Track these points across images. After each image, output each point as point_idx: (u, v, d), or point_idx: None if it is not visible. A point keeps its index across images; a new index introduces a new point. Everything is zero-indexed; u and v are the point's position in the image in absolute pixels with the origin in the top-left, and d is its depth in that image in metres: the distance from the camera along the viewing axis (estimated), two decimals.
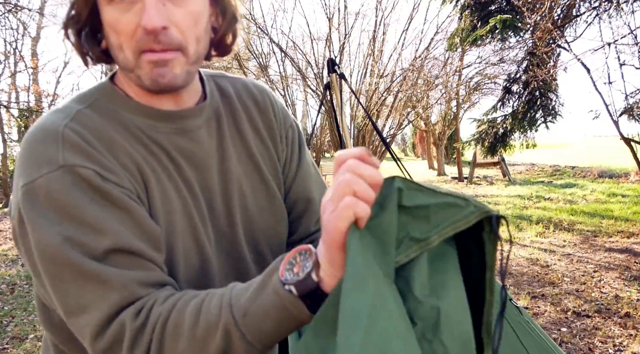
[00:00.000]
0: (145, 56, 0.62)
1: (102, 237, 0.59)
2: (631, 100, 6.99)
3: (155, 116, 0.69)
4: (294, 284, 0.53)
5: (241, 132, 0.79)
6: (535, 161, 18.00)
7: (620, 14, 6.21)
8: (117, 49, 0.64)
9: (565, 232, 6.19)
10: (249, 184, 0.78)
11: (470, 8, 7.14)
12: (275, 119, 0.84)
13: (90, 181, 0.61)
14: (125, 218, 0.62)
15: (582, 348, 3.01)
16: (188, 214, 0.70)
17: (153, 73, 0.63)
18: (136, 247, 0.61)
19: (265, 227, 0.80)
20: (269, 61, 12.81)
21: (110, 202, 0.61)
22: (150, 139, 0.69)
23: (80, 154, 0.62)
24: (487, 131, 8.18)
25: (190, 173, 0.71)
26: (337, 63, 2.42)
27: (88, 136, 0.64)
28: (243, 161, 0.78)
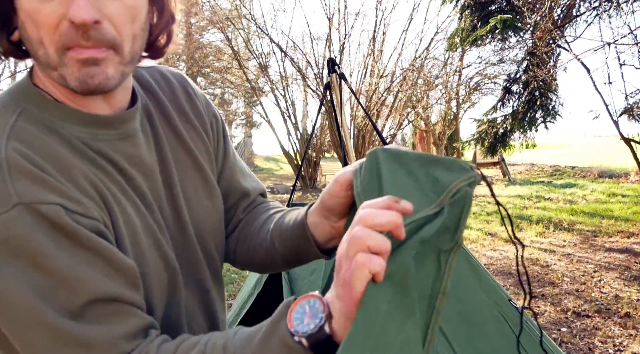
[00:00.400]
0: (71, 53, 0.54)
1: (77, 290, 0.52)
2: (631, 100, 6.99)
3: (94, 122, 0.61)
4: (306, 336, 0.50)
5: (174, 128, 0.73)
6: (535, 161, 17.99)
7: (620, 14, 6.22)
8: (36, 43, 0.54)
9: (565, 232, 6.19)
10: (191, 183, 0.73)
11: (470, 8, 7.14)
12: (200, 105, 0.78)
13: (54, 221, 0.51)
14: (97, 260, 0.54)
15: (582, 348, 3.01)
16: (149, 229, 0.64)
17: (81, 73, 0.54)
18: (114, 294, 0.54)
19: (211, 228, 0.76)
20: (269, 61, 12.83)
21: (78, 244, 0.53)
22: (95, 152, 0.60)
23: (35, 185, 0.52)
24: (487, 131, 8.18)
25: (140, 182, 0.65)
26: (337, 63, 2.41)
27: (36, 158, 0.53)
28: (182, 160, 0.72)
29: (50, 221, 0.51)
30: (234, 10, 12.37)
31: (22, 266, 0.50)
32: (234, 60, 13.31)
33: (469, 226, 6.93)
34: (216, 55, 15.03)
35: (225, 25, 12.09)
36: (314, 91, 12.28)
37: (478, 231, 6.52)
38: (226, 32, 12.29)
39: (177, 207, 0.70)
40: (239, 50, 13.08)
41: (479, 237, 6.15)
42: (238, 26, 12.40)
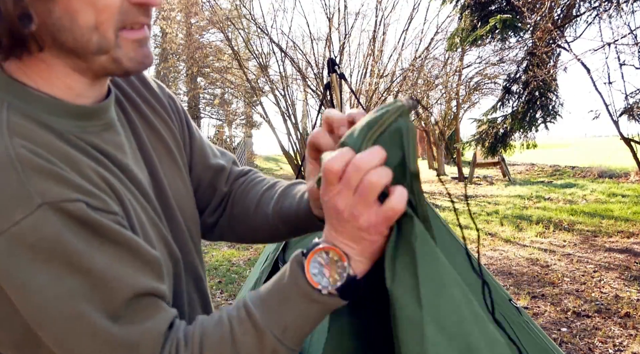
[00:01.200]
0: (126, 34, 0.55)
1: (115, 289, 0.51)
2: (631, 100, 6.99)
3: (80, 114, 0.58)
4: (337, 289, 0.53)
5: (144, 116, 0.71)
6: (535, 161, 17.99)
7: (620, 14, 6.21)
8: (88, 30, 0.53)
9: (565, 232, 6.19)
10: (169, 173, 0.72)
11: (470, 8, 7.14)
12: (156, 90, 0.77)
13: (82, 218, 0.50)
14: (128, 255, 0.53)
15: (582, 348, 3.01)
16: (152, 221, 0.63)
17: (137, 53, 0.56)
18: (149, 288, 0.54)
19: (192, 215, 0.75)
20: (269, 61, 12.82)
21: (108, 240, 0.52)
22: (88, 144, 0.58)
23: (54, 182, 0.49)
24: (488, 131, 8.19)
25: (134, 172, 0.63)
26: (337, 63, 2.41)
27: (46, 155, 0.51)
28: (157, 147, 0.71)
29: (78, 218, 0.49)
30: (234, 10, 12.37)
31: (56, 270, 0.48)
32: (234, 60, 13.30)
33: (468, 226, 6.93)
34: (216, 55, 15.02)
35: (225, 25, 12.09)
36: (314, 91, 12.28)
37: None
38: (226, 32, 12.29)
39: (164, 195, 0.69)
40: (239, 50, 13.08)
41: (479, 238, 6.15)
42: (238, 26, 12.39)
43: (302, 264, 0.54)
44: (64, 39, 0.53)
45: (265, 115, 13.61)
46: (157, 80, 0.80)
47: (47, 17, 0.52)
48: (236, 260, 5.73)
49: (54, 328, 0.49)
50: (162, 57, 17.98)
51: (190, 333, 0.55)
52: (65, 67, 0.57)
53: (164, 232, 0.65)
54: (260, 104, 13.66)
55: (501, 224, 6.89)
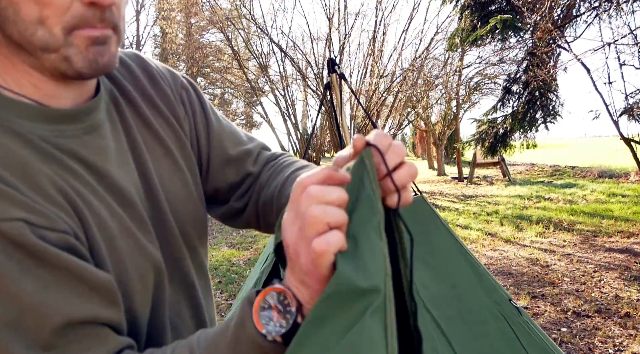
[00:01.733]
0: (81, 32, 0.52)
1: (45, 317, 0.47)
2: (631, 100, 6.99)
3: (57, 117, 0.56)
4: (281, 335, 0.47)
5: (142, 115, 0.68)
6: (535, 161, 17.99)
7: (620, 14, 6.21)
8: (32, 24, 0.50)
9: (565, 232, 6.19)
10: (165, 172, 0.69)
11: (470, 8, 7.14)
12: (164, 83, 0.73)
13: (17, 239, 0.46)
14: (67, 280, 0.49)
15: (582, 348, 3.01)
16: (128, 231, 0.59)
17: (90, 52, 0.53)
18: (88, 316, 0.50)
19: (191, 218, 0.72)
20: (269, 61, 12.83)
21: (45, 264, 0.48)
22: (60, 150, 0.55)
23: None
24: (488, 131, 8.19)
25: (115, 177, 0.60)
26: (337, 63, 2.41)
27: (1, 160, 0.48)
28: (154, 148, 0.68)
29: (12, 240, 0.46)
30: (234, 10, 12.37)
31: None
32: (234, 60, 13.31)
33: (468, 226, 6.93)
34: (216, 55, 15.03)
35: (225, 25, 12.09)
36: (314, 91, 12.29)
37: (478, 231, 6.52)
38: (226, 32, 12.29)
39: (155, 199, 0.66)
40: (239, 50, 13.08)
41: (479, 237, 6.15)
42: (238, 26, 12.40)
43: (251, 304, 0.48)
44: (10, 32, 0.52)
45: (265, 115, 13.61)
46: (173, 70, 0.77)
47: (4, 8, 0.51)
48: (236, 260, 5.73)
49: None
50: (162, 57, 17.97)
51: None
52: (23, 65, 0.55)
53: (143, 241, 0.61)
54: (260, 104, 13.67)
55: (501, 224, 6.89)
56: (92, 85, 0.62)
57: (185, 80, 0.77)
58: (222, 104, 19.24)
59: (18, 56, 0.54)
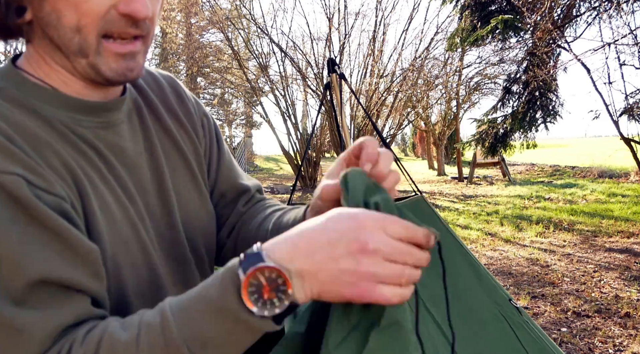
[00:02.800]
0: (110, 45, 0.57)
1: (22, 269, 0.48)
2: (631, 100, 6.99)
3: (79, 107, 0.61)
4: (273, 315, 0.47)
5: (165, 126, 0.72)
6: (535, 161, 17.99)
7: (620, 14, 6.21)
8: (70, 29, 0.56)
9: (565, 232, 6.19)
10: (180, 181, 0.72)
11: (470, 8, 7.14)
12: (190, 104, 0.78)
13: (13, 192, 0.49)
14: (53, 240, 0.50)
15: (582, 348, 3.01)
16: (130, 221, 0.62)
17: (120, 66, 0.58)
18: (65, 278, 0.50)
19: (201, 227, 0.74)
20: (269, 61, 12.83)
21: (36, 221, 0.49)
22: (76, 135, 0.59)
23: (0, 153, 0.50)
24: (488, 131, 8.19)
25: (123, 172, 0.63)
26: (337, 63, 2.41)
27: (7, 130, 0.53)
28: (172, 157, 0.72)
29: (9, 193, 0.48)
30: (234, 10, 12.37)
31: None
32: (234, 60, 13.31)
33: (468, 226, 6.92)
34: (216, 55, 15.03)
35: (225, 25, 12.09)
36: (314, 91, 12.29)
37: (478, 231, 6.52)
38: (226, 32, 12.29)
39: (167, 203, 0.69)
40: (239, 50, 13.08)
41: (479, 237, 6.15)
42: (238, 26, 12.40)
43: (238, 277, 0.46)
44: (51, 35, 0.57)
45: (265, 115, 13.61)
46: (197, 98, 0.82)
47: (39, 12, 0.56)
48: None
49: None
50: (162, 57, 17.97)
51: (93, 331, 0.50)
52: (56, 64, 0.60)
53: (143, 236, 0.63)
54: (260, 104, 13.67)
55: (501, 224, 6.89)
56: (119, 91, 0.67)
57: (207, 112, 0.83)
58: (222, 104, 19.23)
59: (53, 56, 0.59)
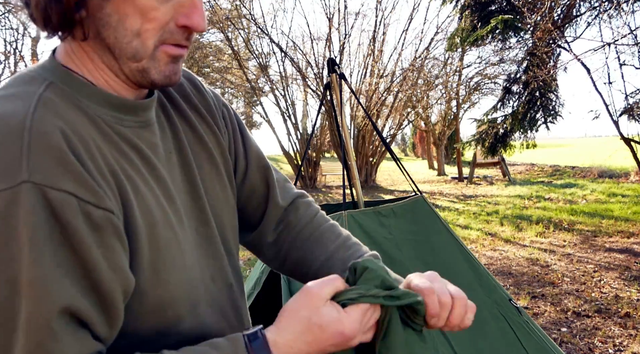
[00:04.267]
0: (165, 48, 0.58)
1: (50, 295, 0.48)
2: (631, 100, 6.99)
3: (121, 106, 0.61)
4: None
5: (188, 121, 0.73)
6: (535, 161, 18.00)
7: (620, 14, 6.21)
8: (132, 33, 0.56)
9: (565, 232, 6.19)
10: (207, 177, 0.72)
11: (470, 8, 7.14)
12: (208, 96, 0.78)
13: (57, 210, 0.48)
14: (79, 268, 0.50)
15: (582, 348, 3.01)
16: (169, 224, 0.62)
17: (168, 69, 0.60)
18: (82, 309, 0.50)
19: (229, 223, 0.75)
20: (269, 61, 12.84)
21: (68, 243, 0.49)
22: (119, 136, 0.59)
23: (52, 164, 0.48)
24: (488, 131, 8.19)
25: (163, 172, 0.64)
26: (337, 63, 2.41)
27: (65, 130, 0.51)
28: (198, 153, 0.72)
29: (52, 208, 0.48)
30: (234, 10, 12.37)
31: (5, 254, 0.46)
32: (234, 60, 13.31)
33: (468, 226, 6.93)
34: (216, 55, 15.03)
35: (225, 25, 12.09)
36: (314, 91, 12.28)
37: (478, 231, 6.52)
38: (226, 32, 12.29)
39: (200, 201, 0.69)
40: (239, 50, 13.08)
41: (479, 237, 6.15)
42: (238, 26, 12.40)
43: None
44: (106, 35, 0.57)
45: (265, 115, 13.61)
46: (214, 90, 0.82)
47: (97, 11, 0.55)
48: None
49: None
50: None
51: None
52: (102, 64, 0.59)
53: (179, 236, 0.64)
54: (260, 104, 13.68)
55: (501, 224, 6.89)
56: (146, 90, 0.67)
57: (226, 101, 0.83)
58: None
59: (102, 56, 0.59)
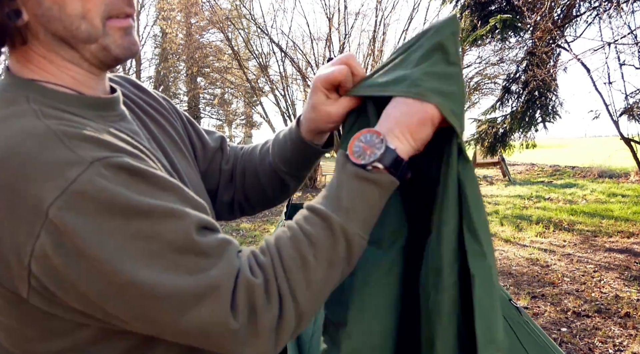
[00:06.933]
0: (112, 23, 0.59)
1: (182, 220, 0.52)
2: (631, 100, 7.00)
3: (99, 105, 0.62)
4: (379, 160, 0.58)
5: (148, 114, 0.75)
6: (535, 161, 17.99)
7: (620, 14, 6.21)
8: (77, 18, 0.57)
9: (565, 232, 6.19)
10: (182, 164, 0.75)
11: (470, 8, 7.14)
12: (153, 93, 0.81)
13: (131, 169, 0.52)
14: (178, 198, 0.55)
15: (582, 348, 3.01)
16: None
17: (125, 41, 0.61)
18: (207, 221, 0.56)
19: (207, 202, 0.77)
20: (269, 61, 12.83)
21: (158, 188, 0.53)
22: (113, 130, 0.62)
23: (97, 145, 0.52)
24: (487, 131, 8.19)
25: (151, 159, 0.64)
26: None
27: (82, 126, 0.54)
28: (166, 141, 0.75)
29: (127, 169, 0.51)
30: (234, 10, 12.37)
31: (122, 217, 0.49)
32: (234, 60, 13.30)
33: None
34: (216, 55, 15.03)
35: (225, 25, 12.09)
36: None
37: None
38: (226, 32, 12.29)
39: (183, 183, 0.70)
40: (239, 50, 13.08)
41: None
42: (238, 26, 12.40)
43: (345, 153, 0.60)
44: (55, 29, 0.57)
45: (265, 115, 13.61)
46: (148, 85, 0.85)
47: (37, 9, 0.56)
48: None
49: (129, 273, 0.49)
50: (162, 57, 17.96)
51: (262, 245, 0.58)
52: (62, 60, 0.60)
53: None
54: (260, 104, 13.67)
55: (501, 224, 6.89)
56: (108, 85, 0.68)
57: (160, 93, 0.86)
58: (222, 104, 19.23)
59: (57, 53, 0.60)
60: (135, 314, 0.51)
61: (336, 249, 0.57)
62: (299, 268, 0.55)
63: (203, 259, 0.52)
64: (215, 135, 0.90)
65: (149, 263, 0.49)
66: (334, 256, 0.57)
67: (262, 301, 0.53)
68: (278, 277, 0.55)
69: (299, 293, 0.55)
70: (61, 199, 0.47)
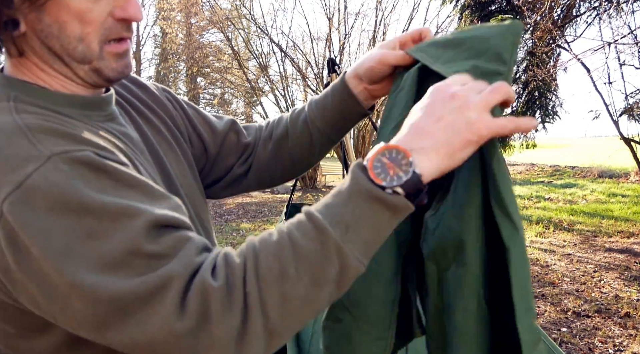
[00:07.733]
0: (109, 48, 0.60)
1: (135, 219, 0.49)
2: (631, 100, 7.00)
3: (86, 104, 0.62)
4: (401, 185, 0.50)
5: (143, 115, 0.75)
6: (535, 161, 17.99)
7: (620, 14, 6.21)
8: (75, 39, 0.57)
9: (565, 232, 6.19)
10: (174, 163, 0.75)
11: (470, 8, 7.14)
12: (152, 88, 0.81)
13: (92, 163, 0.50)
14: (141, 194, 0.52)
15: (582, 348, 3.01)
16: None
17: (119, 65, 0.62)
18: (170, 217, 0.52)
19: (200, 204, 0.78)
20: (269, 61, 12.83)
21: (120, 183, 0.51)
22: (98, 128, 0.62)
23: (62, 138, 0.52)
24: None
25: (141, 160, 0.65)
26: (337, 63, 2.41)
27: (52, 120, 0.54)
28: (160, 143, 0.75)
29: (87, 164, 0.50)
30: (234, 10, 12.37)
31: (74, 215, 0.47)
32: (234, 60, 13.31)
33: None
34: (216, 55, 15.03)
35: (225, 25, 12.09)
36: (314, 91, 12.28)
37: None
38: (226, 32, 12.29)
39: (172, 185, 0.72)
40: (239, 50, 13.09)
41: None
42: (238, 26, 12.40)
43: (363, 165, 0.52)
44: (52, 45, 0.58)
45: (265, 115, 13.61)
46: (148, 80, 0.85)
47: (37, 24, 0.57)
48: None
49: (75, 271, 0.46)
50: (162, 57, 17.98)
51: (242, 245, 0.53)
52: (55, 72, 0.61)
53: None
54: (260, 104, 13.67)
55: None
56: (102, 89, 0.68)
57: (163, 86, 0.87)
58: (222, 104, 19.22)
59: (52, 64, 0.60)
60: (80, 321, 0.48)
61: (325, 269, 0.50)
62: (276, 279, 0.49)
63: (153, 259, 0.48)
64: (225, 119, 0.91)
65: (94, 264, 0.47)
66: (320, 275, 0.50)
67: (219, 306, 0.47)
68: (247, 284, 0.49)
69: (271, 308, 0.49)
70: (14, 195, 0.47)
